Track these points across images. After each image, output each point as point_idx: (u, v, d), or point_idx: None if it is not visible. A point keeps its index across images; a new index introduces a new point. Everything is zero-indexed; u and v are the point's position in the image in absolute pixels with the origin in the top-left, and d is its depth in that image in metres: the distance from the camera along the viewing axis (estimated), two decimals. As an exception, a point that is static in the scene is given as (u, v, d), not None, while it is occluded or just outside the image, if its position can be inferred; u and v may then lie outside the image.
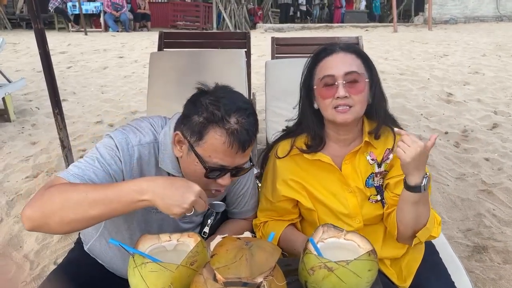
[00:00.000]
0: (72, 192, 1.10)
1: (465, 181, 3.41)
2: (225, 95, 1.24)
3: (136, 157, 1.28)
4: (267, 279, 0.98)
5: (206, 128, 1.19)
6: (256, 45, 8.60)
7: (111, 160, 1.25)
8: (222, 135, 1.18)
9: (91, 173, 1.20)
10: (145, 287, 1.04)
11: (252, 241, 1.08)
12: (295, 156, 1.50)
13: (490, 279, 2.33)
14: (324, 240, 1.24)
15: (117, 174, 1.26)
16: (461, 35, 11.90)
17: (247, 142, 1.21)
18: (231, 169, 1.25)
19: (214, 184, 1.28)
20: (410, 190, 1.28)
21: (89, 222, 1.13)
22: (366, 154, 1.45)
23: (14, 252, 2.60)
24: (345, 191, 1.46)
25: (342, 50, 1.40)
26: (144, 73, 7.10)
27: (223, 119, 1.18)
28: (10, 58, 8.63)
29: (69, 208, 1.09)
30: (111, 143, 1.27)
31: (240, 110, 1.20)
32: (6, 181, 3.48)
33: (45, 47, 2.73)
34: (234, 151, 1.20)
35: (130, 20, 15.02)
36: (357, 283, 1.09)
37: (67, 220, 1.10)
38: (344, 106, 1.35)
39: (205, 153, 1.22)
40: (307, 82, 1.46)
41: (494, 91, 5.92)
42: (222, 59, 3.16)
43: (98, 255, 1.52)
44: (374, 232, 1.48)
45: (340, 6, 18.75)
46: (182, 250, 1.17)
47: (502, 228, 2.78)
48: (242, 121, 1.20)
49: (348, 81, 1.35)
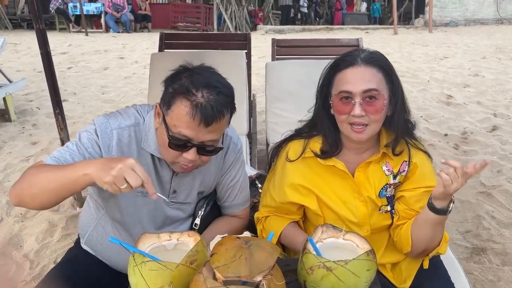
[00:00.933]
0: (39, 172, 1.22)
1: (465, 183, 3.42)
2: (201, 72, 1.30)
3: (115, 141, 1.35)
4: (266, 278, 0.99)
5: (174, 98, 1.25)
6: (256, 46, 8.63)
7: (88, 143, 1.33)
8: (186, 106, 1.22)
9: (68, 155, 1.30)
10: (145, 285, 1.05)
11: (252, 240, 1.09)
12: (308, 158, 1.46)
13: (489, 281, 2.33)
14: (323, 240, 1.25)
15: (93, 156, 1.33)
16: (462, 37, 11.93)
17: (210, 117, 1.23)
18: (196, 144, 1.28)
19: (180, 158, 1.31)
20: (435, 212, 1.27)
21: (50, 197, 1.21)
22: (382, 164, 1.42)
23: (14, 251, 2.61)
24: (356, 200, 1.43)
25: (364, 62, 1.32)
26: (144, 74, 7.12)
27: (189, 91, 1.23)
28: (11, 58, 8.65)
29: (35, 185, 1.21)
30: (91, 129, 1.36)
31: (210, 87, 1.24)
32: (6, 180, 3.49)
33: (46, 47, 2.74)
34: (196, 123, 1.23)
35: (131, 21, 15.05)
36: (356, 283, 1.10)
37: (34, 195, 1.22)
38: (360, 125, 1.31)
39: (171, 121, 1.26)
40: (324, 89, 1.41)
41: (494, 93, 5.93)
42: (223, 60, 3.17)
43: (94, 246, 1.55)
44: (379, 239, 1.47)
45: (340, 8, 18.80)
46: (182, 249, 1.18)
47: (501, 230, 2.78)
48: (209, 96, 1.23)
49: (366, 98, 1.29)
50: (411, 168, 1.41)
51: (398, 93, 1.36)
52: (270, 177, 1.58)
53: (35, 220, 2.92)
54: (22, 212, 3.01)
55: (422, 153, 1.44)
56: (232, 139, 1.54)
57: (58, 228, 2.82)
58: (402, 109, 1.39)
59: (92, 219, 1.54)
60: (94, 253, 1.57)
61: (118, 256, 1.50)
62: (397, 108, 1.36)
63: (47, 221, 2.87)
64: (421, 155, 1.44)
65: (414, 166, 1.41)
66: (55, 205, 1.27)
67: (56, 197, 1.22)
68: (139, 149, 1.39)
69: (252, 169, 2.27)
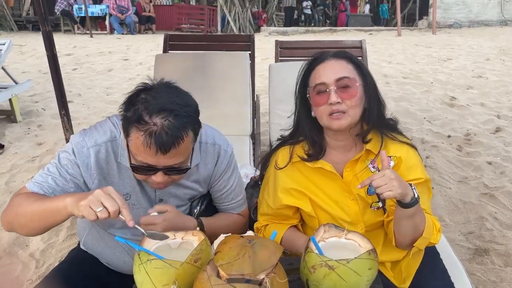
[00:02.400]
0: (24, 203, 1.26)
1: (467, 185, 3.43)
2: (158, 93, 1.22)
3: (93, 159, 1.34)
4: (269, 276, 1.01)
5: (130, 127, 1.21)
6: (260, 48, 8.63)
7: (68, 164, 1.33)
8: (140, 136, 1.17)
9: (51, 180, 1.32)
10: (150, 283, 1.07)
11: (255, 239, 1.11)
12: (296, 163, 1.50)
13: (491, 282, 2.34)
14: (326, 240, 1.26)
15: (75, 177, 1.34)
16: (465, 39, 11.90)
17: (167, 144, 1.17)
18: (161, 168, 1.24)
19: (149, 180, 1.30)
20: (406, 207, 1.27)
21: (36, 227, 1.27)
22: (367, 162, 1.46)
23: (20, 250, 2.63)
24: (347, 199, 1.46)
25: (333, 57, 1.41)
26: (148, 75, 7.12)
27: (141, 119, 1.17)
28: (16, 60, 8.70)
29: (21, 216, 1.26)
30: (69, 148, 1.36)
31: (165, 111, 1.18)
32: (12, 181, 3.52)
33: (52, 49, 2.78)
34: (153, 152, 1.18)
35: (135, 23, 15.09)
36: (358, 282, 1.11)
37: (22, 225, 1.28)
38: (338, 112, 1.36)
39: (132, 149, 1.24)
40: (301, 91, 1.47)
41: (498, 95, 5.92)
42: (227, 61, 3.19)
43: (91, 248, 1.57)
44: (375, 236, 1.49)
45: (344, 9, 18.79)
46: (187, 248, 1.20)
47: (503, 231, 2.79)
48: (164, 122, 1.17)
49: (340, 86, 1.36)
50: (396, 163, 1.43)
51: (371, 86, 1.42)
52: (263, 187, 1.61)
53: (41, 220, 2.94)
54: (27, 212, 3.03)
55: (406, 146, 1.46)
56: (222, 146, 1.51)
57: (63, 228, 2.84)
58: (376, 102, 1.44)
59: (87, 223, 1.55)
60: (93, 253, 1.58)
61: (115, 257, 1.52)
62: (371, 99, 1.42)
63: (53, 221, 2.90)
64: (405, 149, 1.45)
65: (399, 160, 1.43)
66: (44, 232, 1.32)
67: (41, 228, 1.27)
68: (118, 163, 1.38)
69: (255, 170, 2.28)
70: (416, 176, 1.41)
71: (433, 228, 1.38)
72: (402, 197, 1.24)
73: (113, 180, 1.39)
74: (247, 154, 2.80)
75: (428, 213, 1.40)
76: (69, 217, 1.20)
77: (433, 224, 1.39)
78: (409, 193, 1.25)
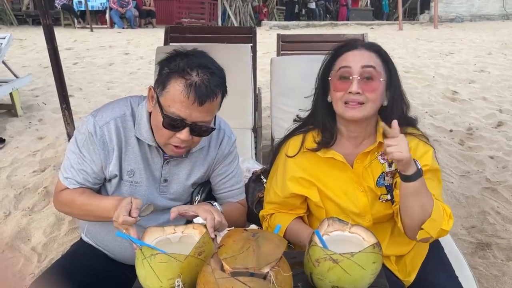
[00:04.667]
0: (72, 206, 1.45)
1: (470, 179, 3.42)
2: (196, 54, 1.34)
3: (107, 135, 1.41)
4: (273, 270, 1.00)
5: (169, 78, 1.29)
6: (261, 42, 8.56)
7: (90, 149, 1.42)
8: (181, 85, 1.27)
9: (82, 172, 1.43)
10: (155, 277, 1.06)
11: (259, 232, 1.10)
12: (307, 152, 1.49)
13: (493, 276, 2.34)
14: (330, 233, 1.26)
15: (99, 158, 1.42)
16: (467, 33, 11.86)
17: (204, 96, 1.27)
18: (190, 124, 1.31)
19: (173, 139, 1.34)
20: (410, 180, 1.27)
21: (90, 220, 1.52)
22: (377, 154, 1.45)
23: (22, 244, 2.64)
24: (356, 190, 1.45)
25: (364, 47, 1.41)
26: (149, 69, 7.13)
27: (184, 70, 1.27)
28: (17, 54, 8.69)
29: (74, 214, 1.53)
30: (84, 132, 1.42)
31: (204, 67, 1.29)
32: (14, 175, 3.52)
33: (53, 42, 2.76)
34: (190, 102, 1.26)
35: (135, 17, 15.06)
36: (362, 275, 1.11)
37: (80, 217, 1.54)
38: (355, 102, 1.35)
39: (165, 102, 1.30)
40: (324, 73, 1.47)
41: (500, 89, 5.91)
42: (228, 54, 3.17)
43: (93, 236, 1.58)
44: (382, 230, 1.48)
45: (345, 4, 18.71)
46: (188, 242, 1.19)
47: (506, 226, 2.78)
48: (203, 76, 1.28)
49: (364, 76, 1.34)
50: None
51: (395, 83, 1.42)
52: (272, 174, 1.61)
53: (43, 214, 2.95)
54: (29, 206, 3.04)
55: (417, 140, 1.45)
56: (226, 132, 1.59)
57: (65, 222, 2.85)
58: (400, 101, 1.43)
59: None
60: (96, 245, 1.59)
61: (118, 246, 1.53)
62: (394, 98, 1.41)
63: (55, 215, 2.90)
64: (416, 141, 1.45)
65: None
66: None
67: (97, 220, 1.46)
68: (127, 138, 1.43)
69: (257, 164, 2.27)
70: (426, 162, 1.40)
71: (443, 213, 1.35)
72: (407, 166, 1.26)
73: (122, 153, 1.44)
74: (249, 148, 2.79)
75: (438, 199, 1.38)
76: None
77: (443, 209, 1.36)
78: (411, 163, 1.27)
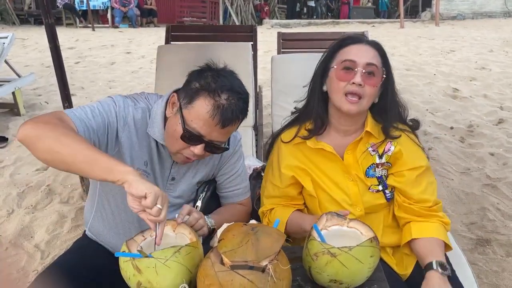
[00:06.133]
0: (71, 137, 1.17)
1: (470, 176, 3.43)
2: (226, 75, 1.35)
3: (130, 116, 1.41)
4: (272, 263, 1.02)
5: (198, 94, 1.30)
6: (262, 40, 8.60)
7: (109, 111, 1.38)
8: (209, 105, 1.28)
9: (91, 117, 1.32)
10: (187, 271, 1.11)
11: (258, 226, 1.12)
12: (299, 144, 1.54)
13: (493, 271, 2.35)
14: (328, 228, 1.28)
15: (111, 124, 1.37)
16: (469, 31, 11.85)
17: (228, 120, 1.29)
18: (206, 141, 1.33)
19: (187, 151, 1.36)
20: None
21: (67, 166, 1.17)
22: (367, 145, 1.49)
23: (25, 242, 2.66)
24: (347, 180, 1.49)
25: (368, 43, 1.45)
26: (151, 68, 7.16)
27: (215, 91, 1.29)
28: (19, 53, 8.72)
29: (61, 146, 1.14)
30: (111, 100, 1.41)
31: (234, 92, 1.31)
32: (17, 173, 3.55)
33: (55, 41, 2.77)
34: (214, 123, 1.29)
35: (137, 16, 15.08)
36: (360, 269, 1.13)
37: (52, 152, 1.15)
38: (354, 95, 1.39)
39: (189, 116, 1.31)
40: (325, 62, 1.50)
41: (501, 86, 5.91)
42: (229, 52, 3.18)
43: (97, 231, 1.59)
44: (375, 219, 1.52)
45: (347, 2, 18.69)
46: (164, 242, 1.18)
47: (505, 222, 2.80)
48: (231, 100, 1.30)
49: (367, 71, 1.39)
50: (396, 150, 1.47)
51: (391, 82, 1.47)
52: (267, 171, 1.64)
53: (45, 211, 2.98)
54: (32, 204, 3.06)
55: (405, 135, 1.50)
56: None
57: (67, 219, 2.87)
58: (394, 102, 1.49)
59: (93, 205, 1.58)
60: (98, 240, 1.60)
61: (119, 239, 1.53)
62: (388, 97, 1.47)
63: (57, 212, 2.93)
64: (405, 136, 1.50)
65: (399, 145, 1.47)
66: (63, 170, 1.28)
67: (70, 169, 1.18)
68: (145, 132, 1.44)
69: (258, 161, 2.29)
70: (420, 164, 1.47)
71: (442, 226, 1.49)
72: None
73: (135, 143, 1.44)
74: (250, 145, 2.81)
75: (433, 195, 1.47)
76: (105, 181, 1.16)
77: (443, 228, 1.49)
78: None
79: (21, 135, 1.18)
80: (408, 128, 1.54)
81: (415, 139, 1.52)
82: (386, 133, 1.48)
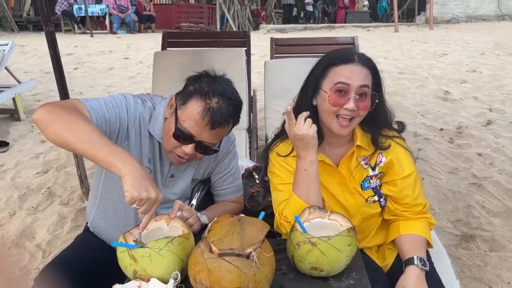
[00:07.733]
0: (83, 125, 1.25)
1: (457, 175, 3.54)
2: (221, 82, 1.46)
3: (139, 114, 1.51)
4: (256, 251, 1.12)
5: (191, 97, 1.42)
6: (258, 45, 8.72)
7: (121, 106, 1.48)
8: (200, 106, 1.39)
9: (105, 109, 1.42)
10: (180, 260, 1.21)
11: (244, 218, 1.23)
12: (295, 157, 1.50)
13: (476, 266, 2.45)
14: (310, 220, 1.37)
15: (122, 119, 1.47)
16: (462, 34, 11.98)
17: (217, 122, 1.39)
18: (196, 141, 1.43)
19: (179, 149, 1.46)
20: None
21: (75, 149, 1.25)
22: (360, 159, 1.52)
23: (27, 242, 2.75)
24: (345, 192, 1.53)
25: (360, 62, 1.43)
26: (149, 73, 7.25)
27: (207, 94, 1.40)
28: (18, 60, 8.80)
29: (72, 132, 1.23)
30: (122, 96, 1.52)
31: (224, 96, 1.41)
32: (18, 176, 3.64)
33: (55, 48, 2.87)
34: (203, 124, 1.39)
35: (135, 22, 15.18)
36: (338, 257, 1.22)
37: (62, 136, 1.24)
38: (347, 119, 1.41)
39: (182, 116, 1.42)
40: (316, 79, 1.46)
41: (491, 89, 6.02)
42: (223, 57, 3.29)
43: (98, 225, 1.67)
44: (370, 225, 1.60)
45: (343, 6, 18.84)
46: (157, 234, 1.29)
47: (490, 219, 2.90)
48: (222, 104, 1.40)
49: (359, 93, 1.39)
50: (388, 161, 1.51)
51: (380, 94, 1.49)
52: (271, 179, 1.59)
53: (46, 213, 3.07)
54: (33, 205, 3.16)
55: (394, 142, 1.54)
56: None
57: (68, 220, 2.97)
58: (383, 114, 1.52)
59: (96, 199, 1.66)
60: (98, 234, 1.68)
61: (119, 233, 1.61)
62: (379, 109, 1.49)
63: (58, 213, 3.02)
64: (394, 144, 1.53)
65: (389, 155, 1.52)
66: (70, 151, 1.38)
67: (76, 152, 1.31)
68: (144, 128, 1.54)
69: (251, 162, 2.40)
70: (409, 172, 1.51)
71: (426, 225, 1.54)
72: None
73: (142, 140, 1.54)
74: (244, 148, 2.91)
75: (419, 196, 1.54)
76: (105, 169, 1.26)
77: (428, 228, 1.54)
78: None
79: (36, 115, 1.28)
80: (395, 132, 1.57)
81: (403, 144, 1.55)
82: (375, 145, 1.51)
